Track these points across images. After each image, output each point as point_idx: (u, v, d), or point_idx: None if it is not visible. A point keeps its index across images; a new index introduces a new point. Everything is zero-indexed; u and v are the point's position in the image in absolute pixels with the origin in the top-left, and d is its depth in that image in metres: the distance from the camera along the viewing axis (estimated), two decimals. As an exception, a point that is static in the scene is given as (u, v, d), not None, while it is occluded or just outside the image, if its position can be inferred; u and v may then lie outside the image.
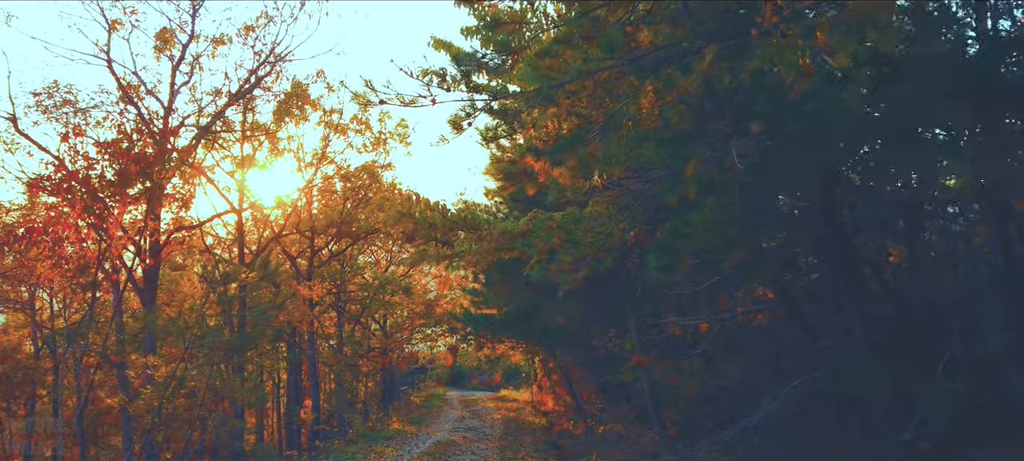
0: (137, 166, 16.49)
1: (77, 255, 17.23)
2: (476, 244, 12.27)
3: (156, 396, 14.83)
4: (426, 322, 45.60)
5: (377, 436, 25.53)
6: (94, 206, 16.59)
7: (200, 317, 17.29)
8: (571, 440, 24.80)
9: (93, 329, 18.83)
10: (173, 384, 15.16)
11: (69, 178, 16.35)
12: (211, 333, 16.68)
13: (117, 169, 16.65)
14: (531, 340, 20.69)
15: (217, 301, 18.17)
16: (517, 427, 29.20)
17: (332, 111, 33.78)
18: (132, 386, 16.41)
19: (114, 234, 16.66)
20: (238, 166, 31.34)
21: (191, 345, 15.87)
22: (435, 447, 22.48)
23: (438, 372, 60.61)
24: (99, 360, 18.58)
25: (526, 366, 52.82)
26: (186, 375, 16.02)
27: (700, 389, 9.79)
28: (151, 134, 18.80)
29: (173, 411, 15.72)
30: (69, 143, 17.18)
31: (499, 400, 43.59)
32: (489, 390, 54.16)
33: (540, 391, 41.16)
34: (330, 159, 34.58)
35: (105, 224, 16.54)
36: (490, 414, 34.21)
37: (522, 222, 10.53)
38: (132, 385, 16.53)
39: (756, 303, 10.14)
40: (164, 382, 15.02)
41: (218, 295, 18.04)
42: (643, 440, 14.68)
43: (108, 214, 16.79)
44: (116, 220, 16.67)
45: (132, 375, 16.77)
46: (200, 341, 16.02)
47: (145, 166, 16.61)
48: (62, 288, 22.57)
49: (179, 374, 15.54)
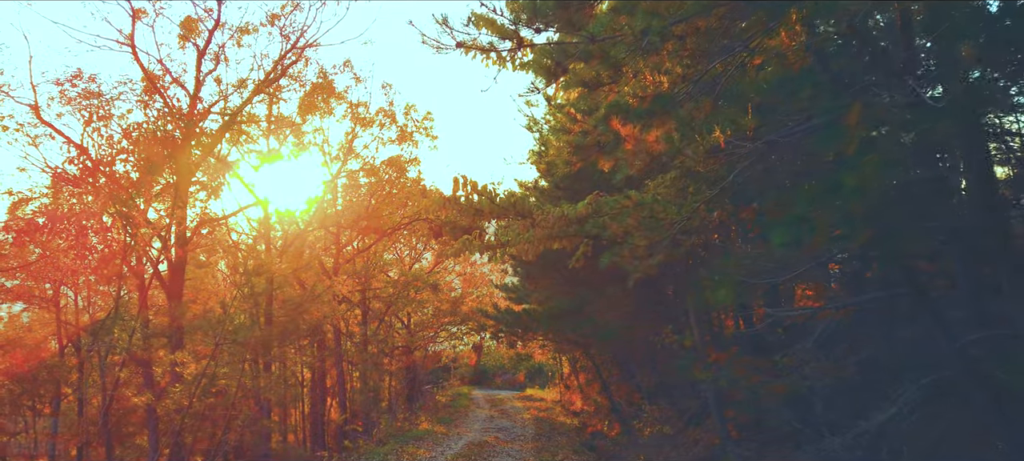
0: (163, 149, 15.70)
1: (104, 246, 16.53)
2: (527, 232, 11.36)
3: (185, 394, 14.03)
4: (452, 319, 44.90)
5: (406, 436, 24.76)
6: (120, 194, 15.86)
7: (228, 312, 16.47)
8: (607, 442, 23.90)
9: (118, 325, 18.15)
10: (203, 382, 14.36)
11: (94, 168, 15.62)
12: (243, 329, 15.87)
13: (143, 157, 15.88)
14: (576, 336, 19.71)
15: (247, 295, 17.37)
16: (550, 428, 28.36)
17: (358, 104, 33.25)
18: (159, 384, 15.64)
19: (140, 225, 15.90)
20: (264, 160, 30.80)
21: (222, 341, 15.05)
22: (468, 448, 21.71)
23: (462, 371, 59.83)
24: (124, 358, 17.90)
25: (550, 365, 52.04)
26: (216, 372, 15.21)
27: (792, 389, 8.77)
28: (178, 119, 18.00)
29: (202, 410, 14.95)
30: (93, 126, 16.50)
31: (526, 399, 42.67)
32: (514, 389, 53.25)
33: (567, 390, 40.38)
34: (356, 153, 33.98)
35: (132, 213, 15.76)
36: (519, 414, 33.33)
37: (581, 206, 9.58)
38: (159, 383, 15.77)
39: (869, 290, 8.98)
40: (193, 380, 14.21)
41: (247, 289, 17.24)
42: (698, 446, 13.69)
43: (134, 204, 16.04)
44: (142, 211, 15.91)
45: (159, 373, 16.02)
46: (232, 337, 15.22)
47: (173, 150, 15.80)
48: (87, 284, 22.00)
49: (210, 372, 14.71)
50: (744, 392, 9.67)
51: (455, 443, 23.03)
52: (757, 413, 10.72)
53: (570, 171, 11.32)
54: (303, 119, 32.61)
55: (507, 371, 62.00)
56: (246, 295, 16.86)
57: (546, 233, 11.08)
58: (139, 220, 15.71)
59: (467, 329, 48.06)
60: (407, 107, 34.23)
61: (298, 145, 33.45)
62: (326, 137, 34.14)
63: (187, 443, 15.06)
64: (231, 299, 17.01)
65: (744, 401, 10.77)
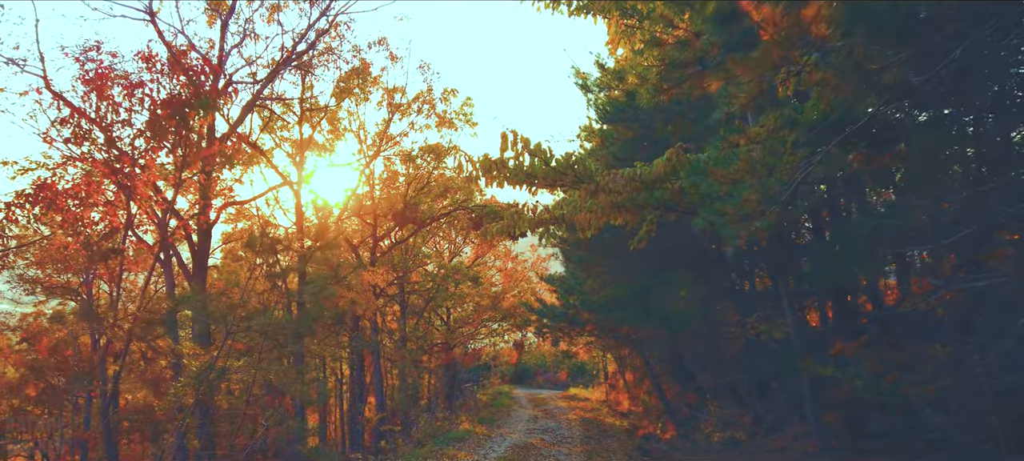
0: (168, 109, 14.12)
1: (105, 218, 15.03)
2: (588, 201, 9.56)
3: (190, 391, 12.34)
4: (493, 316, 43.47)
5: (447, 437, 23.21)
6: (120, 160, 14.37)
7: (245, 295, 14.74)
8: (662, 446, 22.07)
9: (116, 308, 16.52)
10: (212, 376, 12.62)
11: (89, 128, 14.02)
12: (258, 315, 14.14)
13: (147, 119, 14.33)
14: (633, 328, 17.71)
15: (266, 276, 15.65)
16: (598, 430, 26.60)
17: (395, 90, 31.89)
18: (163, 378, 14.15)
19: (143, 194, 14.37)
20: (297, 149, 29.66)
21: (234, 329, 13.27)
22: (513, 452, 20.04)
23: (503, 369, 58.35)
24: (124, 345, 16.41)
25: (591, 363, 50.19)
26: (228, 366, 13.45)
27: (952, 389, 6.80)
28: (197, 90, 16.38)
29: (215, 408, 13.30)
30: (91, 86, 14.98)
31: (570, 399, 40.87)
32: (556, 388, 51.51)
33: (613, 390, 38.69)
34: (392, 139, 32.61)
35: (134, 184, 14.19)
36: (563, 414, 31.53)
37: (659, 163, 7.76)
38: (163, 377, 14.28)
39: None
40: (199, 373, 12.47)
41: (267, 267, 15.59)
42: (785, 455, 11.68)
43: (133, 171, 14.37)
44: (146, 179, 14.38)
45: (164, 365, 14.54)
46: (245, 324, 13.48)
47: (176, 108, 14.18)
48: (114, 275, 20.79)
49: (219, 365, 12.91)
50: (884, 393, 7.66)
51: (498, 445, 21.36)
52: (909, 419, 8.53)
53: (659, 101, 9.42)
54: (338, 105, 31.47)
55: (548, 369, 60.40)
56: (266, 274, 15.15)
57: (611, 201, 9.26)
58: (141, 191, 14.15)
59: (508, 326, 46.65)
60: (446, 92, 32.75)
61: (334, 132, 32.33)
62: (362, 123, 32.91)
63: (195, 447, 13.39)
64: (247, 280, 15.30)
65: (861, 402, 8.73)
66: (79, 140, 13.99)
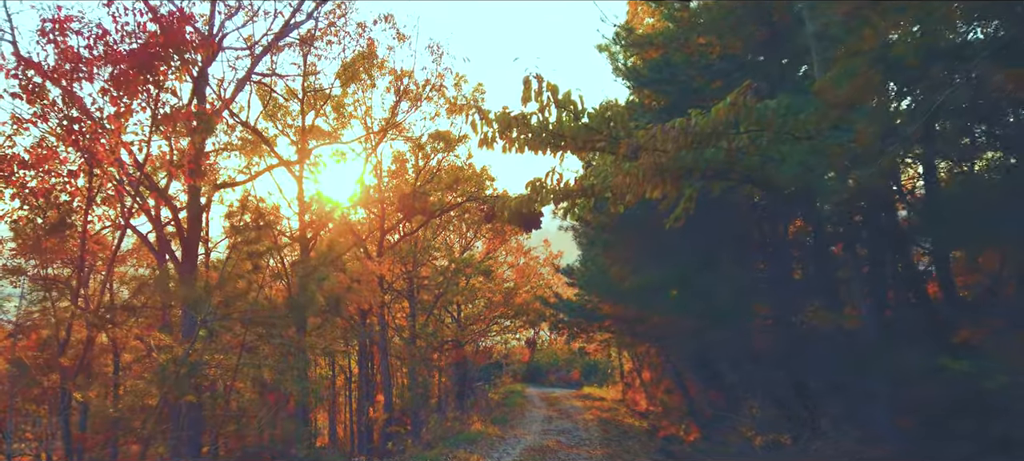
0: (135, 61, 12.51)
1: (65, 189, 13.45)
2: (628, 162, 8.05)
3: (157, 387, 10.79)
4: (505, 312, 42.12)
5: (457, 438, 21.88)
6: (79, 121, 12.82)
7: (225, 278, 13.14)
8: (685, 449, 20.69)
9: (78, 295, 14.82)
10: (182, 370, 10.98)
11: (41, 80, 12.34)
12: (237, 298, 12.53)
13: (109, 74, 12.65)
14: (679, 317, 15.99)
15: (247, 255, 13.95)
16: (617, 431, 25.23)
17: (403, 74, 30.48)
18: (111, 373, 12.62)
19: (107, 160, 12.83)
20: (301, 136, 28.36)
21: (210, 317, 11.64)
22: (528, 455, 18.65)
23: (514, 367, 57.05)
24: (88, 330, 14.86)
25: (607, 361, 48.75)
26: (205, 360, 11.84)
27: None
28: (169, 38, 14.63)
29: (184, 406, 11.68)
30: (49, 38, 13.41)
31: (584, 398, 39.55)
32: (569, 387, 50.18)
33: (630, 389, 37.41)
34: (399, 126, 31.21)
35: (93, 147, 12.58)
36: (579, 414, 30.12)
37: (719, 108, 6.28)
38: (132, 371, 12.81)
39: None
40: (163, 367, 10.87)
41: (245, 244, 13.94)
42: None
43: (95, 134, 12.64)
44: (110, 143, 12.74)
45: (130, 359, 13.03)
46: (223, 311, 11.93)
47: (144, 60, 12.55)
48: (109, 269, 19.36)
49: (192, 358, 11.23)
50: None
51: (513, 447, 19.96)
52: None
53: (704, 57, 7.97)
54: (344, 91, 30.20)
55: (561, 368, 59.05)
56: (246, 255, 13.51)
57: (655, 163, 7.76)
58: (104, 157, 12.54)
59: (520, 323, 45.30)
60: (457, 78, 31.37)
61: (339, 118, 31.02)
62: (368, 109, 31.53)
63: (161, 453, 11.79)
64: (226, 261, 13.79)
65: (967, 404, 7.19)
66: (32, 98, 12.53)
